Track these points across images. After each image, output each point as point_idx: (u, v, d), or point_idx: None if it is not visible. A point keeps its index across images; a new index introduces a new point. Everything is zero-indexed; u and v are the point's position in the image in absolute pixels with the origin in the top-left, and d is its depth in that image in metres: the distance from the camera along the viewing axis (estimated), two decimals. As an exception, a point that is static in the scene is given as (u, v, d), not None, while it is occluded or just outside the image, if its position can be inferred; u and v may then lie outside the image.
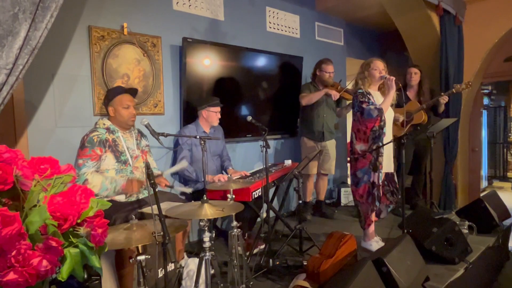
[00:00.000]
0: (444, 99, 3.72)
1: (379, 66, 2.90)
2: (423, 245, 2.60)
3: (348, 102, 4.09)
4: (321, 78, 3.83)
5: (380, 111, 2.79)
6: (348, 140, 5.36)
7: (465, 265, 2.59)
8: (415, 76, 3.92)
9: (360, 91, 2.89)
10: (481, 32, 4.26)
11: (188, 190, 2.66)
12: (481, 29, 4.25)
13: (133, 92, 2.55)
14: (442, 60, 4.19)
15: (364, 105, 2.82)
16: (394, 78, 2.81)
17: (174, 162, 3.23)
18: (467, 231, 3.05)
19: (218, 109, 3.09)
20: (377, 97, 2.92)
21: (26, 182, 0.94)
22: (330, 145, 3.95)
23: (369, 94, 2.88)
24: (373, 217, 2.95)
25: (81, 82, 2.71)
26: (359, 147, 2.89)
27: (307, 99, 3.76)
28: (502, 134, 7.89)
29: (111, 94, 2.46)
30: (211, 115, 3.06)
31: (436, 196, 4.29)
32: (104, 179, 2.24)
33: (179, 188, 2.72)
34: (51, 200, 0.93)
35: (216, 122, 3.12)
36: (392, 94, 2.85)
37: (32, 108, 2.48)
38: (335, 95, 3.72)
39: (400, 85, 2.82)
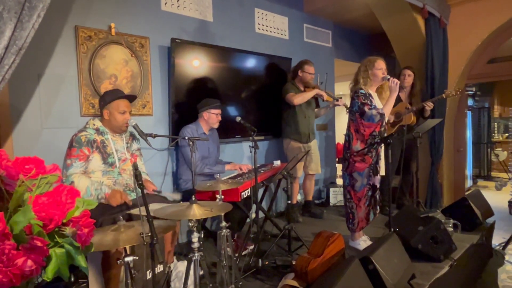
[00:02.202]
0: (429, 105, 3.81)
1: (382, 66, 2.84)
2: (409, 243, 2.64)
3: (329, 103, 4.09)
4: (303, 79, 3.83)
5: (383, 116, 2.75)
6: (337, 140, 5.44)
7: (450, 263, 2.65)
8: (408, 78, 3.99)
9: (362, 91, 2.80)
10: (465, 35, 4.35)
11: (177, 196, 2.59)
12: (465, 31, 4.35)
13: (131, 98, 2.52)
14: (428, 61, 4.27)
15: (366, 108, 2.75)
16: (398, 81, 2.76)
17: (177, 162, 3.24)
18: (452, 229, 3.11)
19: (219, 111, 3.11)
20: (375, 98, 2.89)
21: (10, 182, 0.94)
22: (314, 145, 3.99)
23: (371, 95, 2.83)
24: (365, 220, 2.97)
25: (67, 83, 2.68)
26: (357, 147, 2.84)
27: (300, 98, 3.70)
28: (486, 135, 8.07)
29: (108, 98, 2.39)
30: (211, 117, 3.09)
31: (422, 195, 4.36)
32: (90, 184, 2.20)
33: (167, 194, 2.63)
34: (36, 200, 0.92)
35: (216, 124, 3.14)
36: (394, 97, 2.79)
37: (17, 109, 2.44)
38: (325, 95, 3.75)
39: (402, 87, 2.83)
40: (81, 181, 2.19)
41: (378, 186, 2.91)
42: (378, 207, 2.99)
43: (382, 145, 2.86)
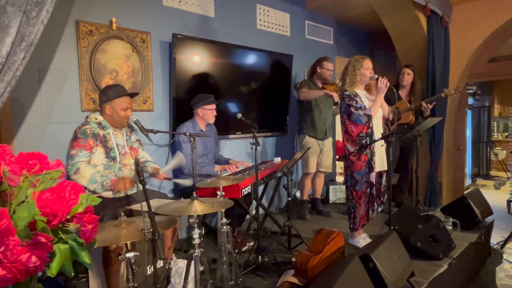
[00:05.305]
0: (428, 106, 3.80)
1: (370, 66, 2.87)
2: (408, 241, 2.65)
3: None
4: (321, 76, 3.83)
5: (370, 117, 2.77)
6: (337, 138, 5.44)
7: (449, 261, 2.66)
8: (407, 76, 3.98)
9: (346, 93, 2.83)
10: (467, 33, 4.35)
11: (188, 182, 2.53)
12: (467, 30, 4.34)
13: (134, 95, 2.53)
14: (429, 60, 4.27)
15: (352, 109, 2.78)
16: (387, 82, 2.77)
17: None
18: (451, 227, 3.12)
19: (213, 106, 3.09)
20: (363, 97, 2.90)
21: (14, 178, 0.93)
22: (329, 142, 3.98)
23: (356, 95, 2.84)
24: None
25: (68, 78, 2.66)
26: (349, 148, 2.88)
27: (305, 94, 3.74)
28: (486, 134, 8.07)
29: (112, 94, 2.38)
30: (206, 113, 3.07)
31: (421, 193, 4.37)
32: (95, 172, 2.23)
33: (178, 180, 2.65)
34: (40, 196, 0.92)
35: (211, 120, 3.11)
36: (382, 97, 2.82)
37: (17, 104, 2.43)
38: (335, 96, 3.74)
39: (389, 84, 2.82)
40: (86, 168, 2.22)
41: (374, 183, 2.91)
42: (376, 204, 3.00)
43: (375, 142, 2.87)
